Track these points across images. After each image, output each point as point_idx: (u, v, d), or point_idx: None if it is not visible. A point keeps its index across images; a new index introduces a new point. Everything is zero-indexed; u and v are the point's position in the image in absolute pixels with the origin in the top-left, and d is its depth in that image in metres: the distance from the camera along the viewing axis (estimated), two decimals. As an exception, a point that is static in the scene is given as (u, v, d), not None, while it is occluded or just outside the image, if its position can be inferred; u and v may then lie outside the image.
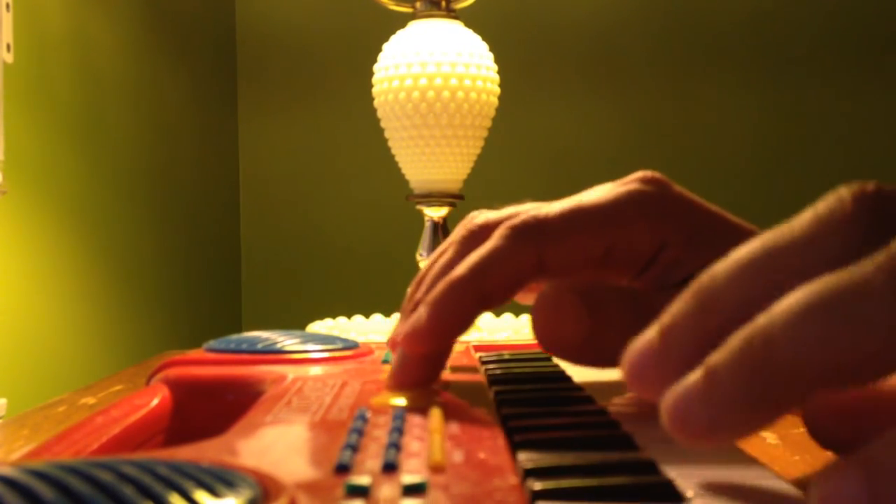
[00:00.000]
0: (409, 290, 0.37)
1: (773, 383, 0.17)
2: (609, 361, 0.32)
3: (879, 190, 0.19)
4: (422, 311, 0.31)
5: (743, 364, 0.18)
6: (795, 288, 0.18)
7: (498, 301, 0.32)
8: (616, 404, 0.34)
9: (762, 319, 0.18)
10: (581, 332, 0.30)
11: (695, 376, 0.18)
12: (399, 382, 0.33)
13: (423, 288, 0.36)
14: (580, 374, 0.39)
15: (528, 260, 0.31)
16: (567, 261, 0.32)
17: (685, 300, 0.20)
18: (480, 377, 0.38)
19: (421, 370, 0.33)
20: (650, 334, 0.20)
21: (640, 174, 0.34)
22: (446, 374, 0.38)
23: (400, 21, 0.84)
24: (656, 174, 0.34)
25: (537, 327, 0.31)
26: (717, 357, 0.18)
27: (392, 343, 0.36)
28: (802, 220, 0.20)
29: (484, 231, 0.34)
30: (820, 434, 0.25)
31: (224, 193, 1.64)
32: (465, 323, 0.32)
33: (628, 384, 0.20)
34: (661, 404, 0.19)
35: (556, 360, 0.43)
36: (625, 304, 0.31)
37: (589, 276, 0.33)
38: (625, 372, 0.20)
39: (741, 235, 0.33)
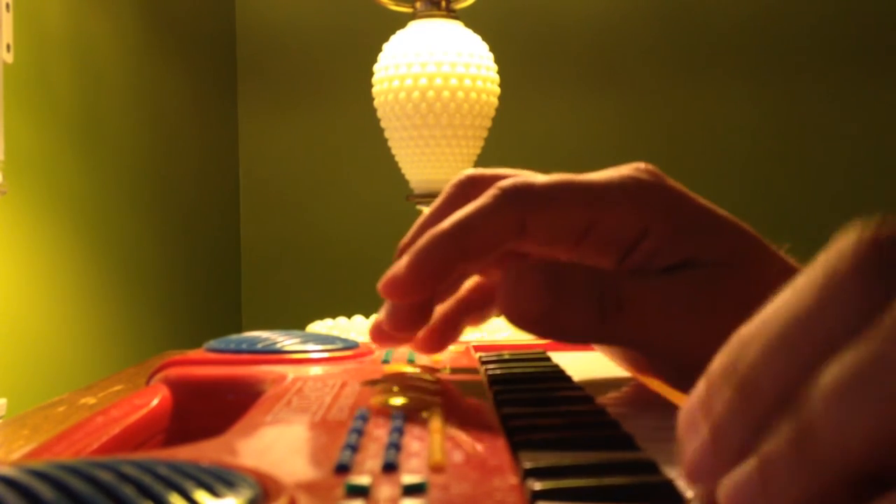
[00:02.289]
0: (400, 243, 0.38)
1: (821, 466, 0.18)
2: (569, 338, 0.33)
3: (877, 238, 0.20)
4: (402, 261, 0.32)
5: (790, 453, 0.18)
6: (826, 358, 0.19)
7: (477, 257, 0.33)
8: (616, 404, 0.34)
9: (804, 410, 0.18)
10: (540, 307, 0.31)
11: (748, 468, 0.19)
12: (388, 328, 0.34)
13: (407, 239, 0.37)
14: (580, 374, 0.39)
15: (512, 221, 0.32)
16: (549, 229, 0.32)
17: (728, 395, 0.21)
18: (480, 377, 0.38)
19: (407, 317, 0.34)
20: (702, 433, 0.21)
21: (637, 163, 0.34)
22: (446, 374, 0.38)
23: (400, 21, 0.84)
24: (652, 166, 0.34)
25: (501, 300, 0.32)
26: (767, 447, 0.19)
27: (374, 330, 0.37)
28: (812, 284, 0.20)
29: (473, 186, 0.35)
30: None
31: (224, 193, 1.64)
32: (444, 274, 0.32)
33: (688, 482, 0.21)
34: (718, 494, 0.19)
35: (555, 361, 0.43)
36: (589, 284, 0.32)
37: (568, 253, 0.34)
38: (684, 472, 0.21)
39: (727, 230, 0.34)
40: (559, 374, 0.39)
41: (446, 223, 0.32)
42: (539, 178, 0.33)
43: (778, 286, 0.34)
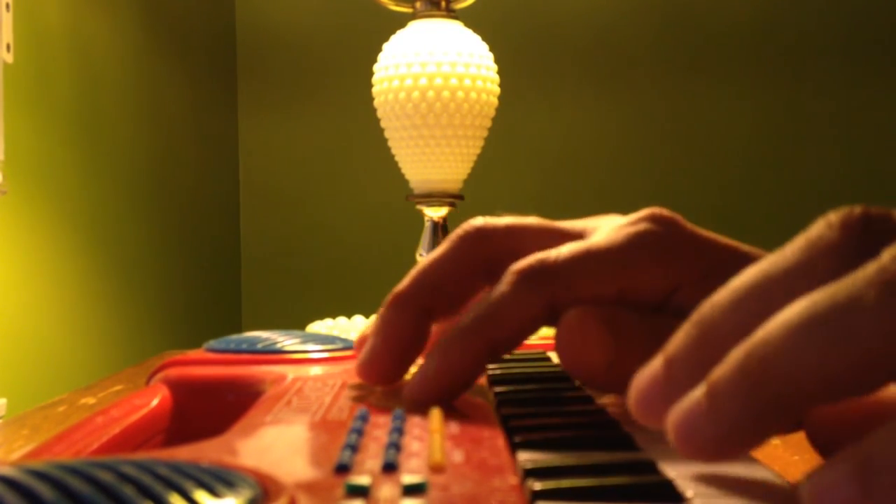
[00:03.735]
0: (394, 290, 0.36)
1: (774, 398, 0.18)
2: (621, 387, 0.31)
3: (866, 213, 0.20)
4: (430, 362, 0.31)
5: (743, 381, 0.18)
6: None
7: (509, 348, 0.31)
8: (616, 404, 0.34)
9: (759, 335, 0.18)
10: (606, 357, 0.30)
11: (697, 393, 0.19)
12: (368, 369, 0.33)
13: (402, 288, 0.34)
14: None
15: (538, 307, 0.30)
16: (575, 303, 0.31)
17: (686, 330, 0.21)
18: (480, 377, 0.38)
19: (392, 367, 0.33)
20: (654, 365, 0.21)
21: (648, 212, 0.32)
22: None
23: (400, 21, 0.84)
24: (665, 211, 0.33)
25: (562, 353, 0.30)
26: (717, 374, 0.19)
27: (358, 342, 0.36)
28: (794, 246, 0.20)
29: (482, 241, 0.34)
30: (820, 443, 0.25)
31: (224, 193, 1.64)
32: (475, 373, 0.31)
33: (635, 414, 0.21)
34: (666, 423, 0.19)
35: (555, 360, 0.43)
36: (646, 329, 0.30)
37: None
38: (631, 402, 0.21)
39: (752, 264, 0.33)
40: (559, 374, 0.39)
41: (471, 317, 0.31)
42: (555, 253, 0.31)
43: None
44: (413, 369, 0.33)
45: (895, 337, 0.17)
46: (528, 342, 0.52)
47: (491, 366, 0.40)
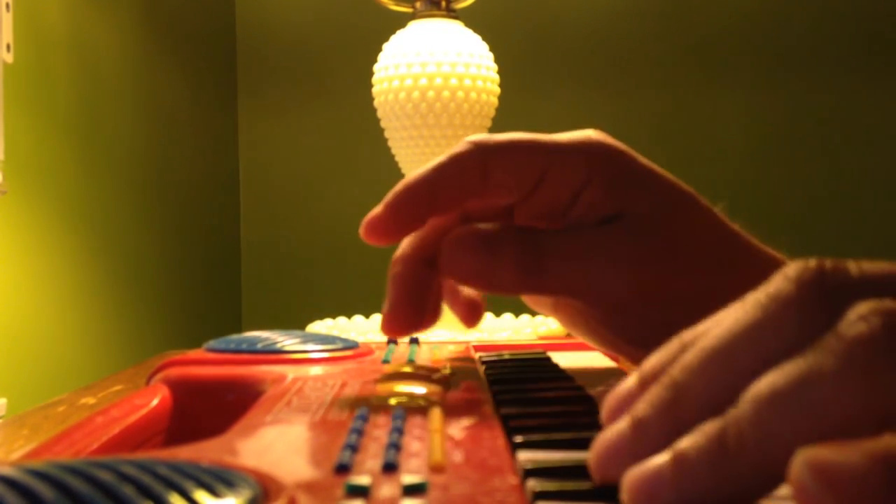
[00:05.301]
0: None
1: (741, 468, 0.18)
2: (500, 290, 0.36)
3: (820, 267, 0.20)
4: (380, 205, 0.36)
5: (711, 450, 0.18)
6: (759, 376, 0.19)
7: (448, 202, 0.36)
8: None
9: (731, 412, 0.19)
10: (473, 263, 0.35)
11: (663, 459, 0.19)
12: (389, 321, 0.37)
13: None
14: (580, 374, 0.39)
15: (475, 167, 0.36)
16: (507, 176, 0.36)
17: (656, 394, 0.21)
18: (480, 377, 0.38)
19: (408, 308, 0.37)
20: (622, 425, 0.21)
21: (590, 129, 0.38)
22: (446, 374, 0.38)
23: (400, 21, 0.84)
24: (605, 136, 0.38)
25: (441, 258, 0.36)
26: (687, 443, 0.19)
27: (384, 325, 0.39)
28: (757, 301, 0.21)
29: (476, 153, 0.38)
30: None
31: (224, 193, 1.64)
32: (417, 216, 0.36)
33: (594, 468, 0.21)
34: (624, 481, 0.19)
35: (555, 361, 0.43)
36: (516, 242, 0.35)
37: (523, 205, 0.37)
38: (592, 458, 0.21)
39: (659, 185, 0.37)
40: (559, 374, 0.39)
41: (420, 171, 0.36)
42: (501, 133, 0.37)
43: (707, 241, 0.36)
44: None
45: (857, 401, 0.17)
46: (527, 342, 0.52)
47: (491, 366, 0.40)
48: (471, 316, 0.41)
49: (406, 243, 0.38)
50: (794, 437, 0.18)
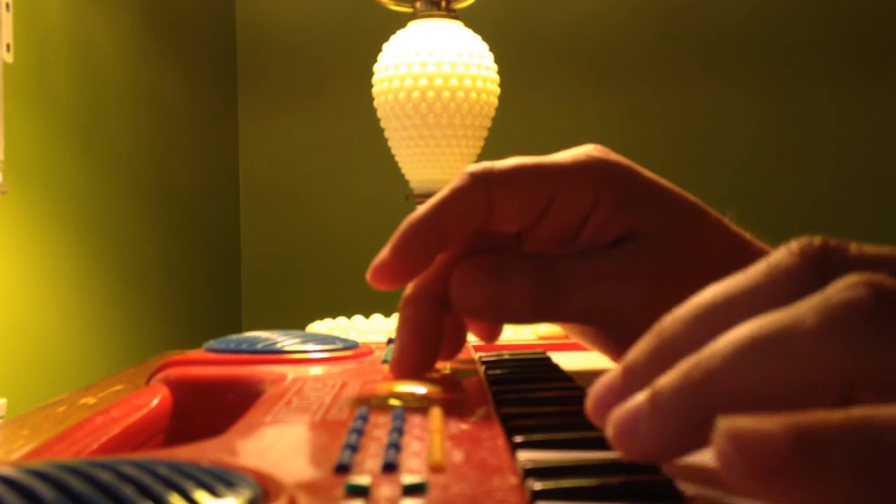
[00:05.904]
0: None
1: (711, 406, 0.19)
2: (513, 320, 0.36)
3: (825, 243, 0.21)
4: (385, 248, 0.35)
5: (684, 387, 0.19)
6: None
7: (454, 237, 0.35)
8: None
9: (706, 350, 0.20)
10: (484, 294, 0.34)
11: (642, 396, 0.20)
12: (399, 363, 0.35)
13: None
14: (581, 374, 0.39)
15: (479, 200, 0.34)
16: (513, 206, 0.35)
17: (647, 341, 0.22)
18: (480, 377, 0.38)
19: (417, 353, 0.35)
20: (613, 373, 0.22)
21: (589, 145, 0.37)
22: (446, 374, 0.38)
23: (400, 21, 0.84)
24: (602, 147, 0.37)
25: (451, 290, 0.35)
26: (663, 380, 0.20)
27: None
28: (757, 269, 0.22)
29: (479, 183, 0.37)
30: None
31: (224, 193, 1.64)
32: (425, 257, 0.35)
33: (589, 414, 0.22)
34: (608, 421, 0.20)
35: (556, 361, 0.43)
36: (528, 270, 0.34)
37: (531, 234, 0.36)
38: (588, 406, 0.22)
39: (668, 201, 0.36)
40: (559, 374, 0.39)
41: (421, 209, 0.35)
42: (502, 161, 0.36)
43: (719, 252, 0.36)
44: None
45: (830, 360, 0.18)
46: (527, 342, 0.52)
47: (491, 366, 0.40)
48: (491, 335, 0.40)
49: (414, 282, 0.37)
50: (763, 383, 0.19)
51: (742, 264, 0.36)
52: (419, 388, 0.33)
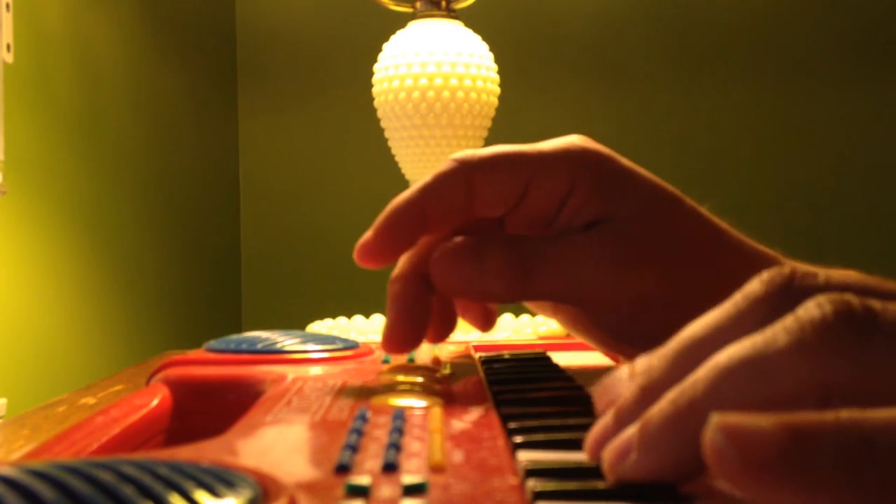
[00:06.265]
0: None
1: (697, 430, 0.19)
2: (492, 299, 0.38)
3: (793, 272, 0.23)
4: (370, 229, 0.37)
5: (670, 414, 0.21)
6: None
7: (436, 220, 0.37)
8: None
9: (689, 379, 0.21)
10: (463, 274, 0.36)
11: (632, 429, 0.21)
12: (389, 339, 0.36)
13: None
14: (581, 373, 0.39)
15: (459, 184, 0.36)
16: (493, 190, 0.36)
17: (633, 388, 0.23)
18: (480, 377, 0.38)
19: (407, 328, 0.37)
20: (607, 418, 0.23)
21: (574, 135, 0.38)
22: (446, 374, 0.38)
23: (400, 21, 0.84)
24: (586, 137, 0.38)
25: (431, 271, 0.36)
26: (651, 412, 0.21)
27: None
28: (731, 301, 0.23)
29: (462, 171, 0.38)
30: None
31: (224, 193, 1.64)
32: (408, 237, 0.37)
33: (589, 457, 0.23)
34: (602, 454, 0.21)
35: (556, 361, 0.43)
36: (505, 251, 0.36)
37: (511, 217, 0.38)
38: (586, 449, 0.23)
39: (643, 187, 0.37)
40: (559, 374, 0.39)
41: (406, 192, 0.37)
42: (484, 148, 0.37)
43: (692, 239, 0.37)
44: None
45: (804, 374, 0.19)
46: (527, 342, 0.52)
47: (491, 366, 0.40)
48: (485, 321, 0.41)
49: (402, 262, 0.39)
50: (743, 402, 0.20)
51: (714, 252, 0.37)
52: (419, 389, 0.33)
